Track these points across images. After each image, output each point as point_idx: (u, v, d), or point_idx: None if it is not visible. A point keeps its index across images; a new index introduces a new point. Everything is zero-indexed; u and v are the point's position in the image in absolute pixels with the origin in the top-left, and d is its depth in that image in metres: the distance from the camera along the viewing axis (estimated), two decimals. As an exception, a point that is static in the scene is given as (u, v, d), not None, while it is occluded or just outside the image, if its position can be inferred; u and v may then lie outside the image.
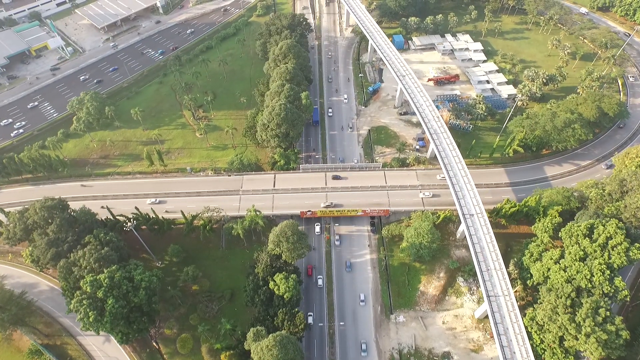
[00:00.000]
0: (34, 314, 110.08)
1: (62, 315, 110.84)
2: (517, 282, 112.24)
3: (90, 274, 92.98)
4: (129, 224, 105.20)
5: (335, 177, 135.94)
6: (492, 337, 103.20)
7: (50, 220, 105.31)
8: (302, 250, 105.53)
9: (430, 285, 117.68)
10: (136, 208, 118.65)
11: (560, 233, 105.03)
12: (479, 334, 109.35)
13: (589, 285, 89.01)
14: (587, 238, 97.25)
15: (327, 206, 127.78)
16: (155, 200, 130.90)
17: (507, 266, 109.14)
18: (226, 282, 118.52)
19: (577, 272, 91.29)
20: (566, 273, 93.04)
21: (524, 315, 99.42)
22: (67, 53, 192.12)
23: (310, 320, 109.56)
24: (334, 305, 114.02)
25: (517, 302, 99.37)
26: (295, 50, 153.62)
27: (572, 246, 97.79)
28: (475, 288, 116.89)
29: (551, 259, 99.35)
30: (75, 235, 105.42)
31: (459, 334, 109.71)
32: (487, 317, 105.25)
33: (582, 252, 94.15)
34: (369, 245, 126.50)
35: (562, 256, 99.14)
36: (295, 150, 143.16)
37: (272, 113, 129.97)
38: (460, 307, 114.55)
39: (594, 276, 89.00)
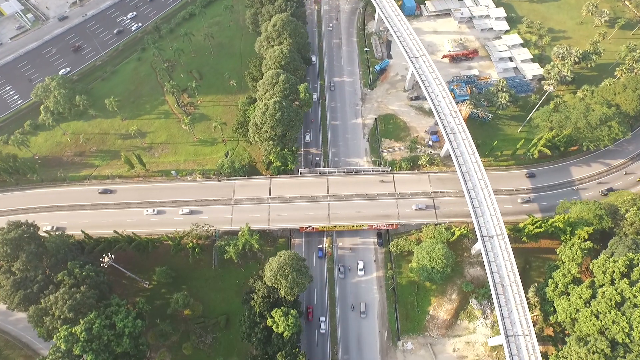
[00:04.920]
0: (11, 348, 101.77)
1: (44, 347, 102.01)
2: (535, 307, 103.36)
3: (65, 326, 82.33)
4: (106, 259, 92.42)
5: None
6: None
7: (16, 254, 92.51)
8: (303, 285, 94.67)
9: (441, 309, 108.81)
10: (115, 232, 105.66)
11: (591, 265, 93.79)
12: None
13: (627, 340, 79.24)
14: (625, 278, 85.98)
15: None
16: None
17: (525, 290, 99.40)
18: (220, 306, 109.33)
19: (613, 322, 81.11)
20: (599, 321, 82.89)
21: (545, 358, 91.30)
22: (27, 21, 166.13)
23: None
24: (337, 333, 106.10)
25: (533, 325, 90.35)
26: (291, 27, 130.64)
27: (606, 286, 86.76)
28: (489, 311, 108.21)
29: (580, 297, 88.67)
30: (47, 271, 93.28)
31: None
32: (501, 345, 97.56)
33: (618, 297, 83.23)
34: (375, 261, 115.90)
35: (593, 295, 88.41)
36: (293, 149, 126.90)
37: (265, 114, 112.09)
38: (472, 333, 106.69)
39: (633, 330, 78.88)
